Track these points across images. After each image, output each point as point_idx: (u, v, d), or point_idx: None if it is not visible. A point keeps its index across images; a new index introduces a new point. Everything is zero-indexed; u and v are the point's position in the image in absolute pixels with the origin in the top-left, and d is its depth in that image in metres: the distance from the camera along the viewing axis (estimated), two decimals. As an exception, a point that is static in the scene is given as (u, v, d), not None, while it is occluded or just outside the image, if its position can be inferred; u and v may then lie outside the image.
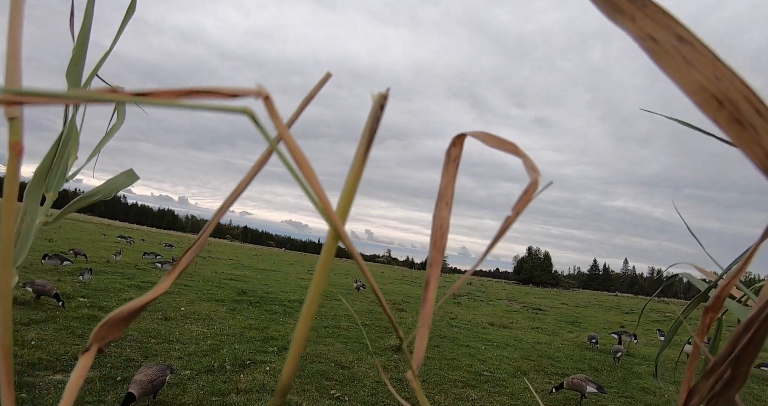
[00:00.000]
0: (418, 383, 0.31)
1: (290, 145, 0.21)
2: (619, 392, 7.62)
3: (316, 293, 0.23)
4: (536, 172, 0.30)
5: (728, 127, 0.21)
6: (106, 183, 0.59)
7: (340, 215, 0.22)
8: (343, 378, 6.38)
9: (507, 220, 0.30)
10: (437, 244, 0.34)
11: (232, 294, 13.02)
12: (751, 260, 0.29)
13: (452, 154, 0.34)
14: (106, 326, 0.27)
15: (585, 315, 22.96)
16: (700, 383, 0.28)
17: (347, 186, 0.23)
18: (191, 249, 0.29)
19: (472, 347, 9.96)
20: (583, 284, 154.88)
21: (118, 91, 0.22)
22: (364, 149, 0.23)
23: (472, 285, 48.68)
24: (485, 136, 0.32)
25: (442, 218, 0.34)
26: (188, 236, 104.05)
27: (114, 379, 5.20)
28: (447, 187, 0.34)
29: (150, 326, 7.69)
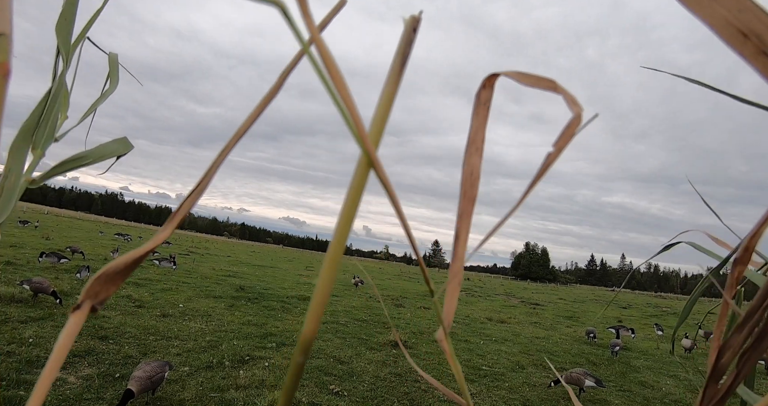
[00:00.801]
0: (449, 342, 0.29)
1: (321, 48, 0.20)
2: (617, 385, 7.65)
3: (346, 224, 0.20)
4: (578, 107, 0.28)
5: (754, 60, 0.20)
6: (98, 147, 0.57)
7: (373, 139, 0.21)
8: (341, 373, 6.38)
9: (549, 156, 0.28)
10: (467, 194, 0.32)
11: (231, 291, 13.00)
12: None
13: (482, 97, 0.33)
14: (100, 280, 0.25)
15: (582, 310, 23.04)
16: (731, 338, 0.27)
17: (380, 109, 0.21)
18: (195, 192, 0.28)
19: (470, 342, 9.98)
20: (580, 279, 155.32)
21: None
22: (397, 72, 0.22)
23: (470, 280, 48.76)
24: (520, 75, 0.30)
25: (472, 164, 0.32)
26: (185, 233, 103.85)
27: (112, 376, 5.19)
28: (477, 131, 0.32)
29: (148, 323, 7.68)
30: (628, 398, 7.01)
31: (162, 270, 15.76)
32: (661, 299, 51.57)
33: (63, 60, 0.55)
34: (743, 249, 0.31)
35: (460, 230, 0.31)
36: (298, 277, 21.63)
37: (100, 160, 0.56)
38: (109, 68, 0.72)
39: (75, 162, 0.52)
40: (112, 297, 9.43)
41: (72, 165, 0.52)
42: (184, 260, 21.68)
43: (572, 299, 33.53)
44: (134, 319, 7.86)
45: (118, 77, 0.73)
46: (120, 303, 8.99)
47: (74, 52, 0.58)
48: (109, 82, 0.71)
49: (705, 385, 0.29)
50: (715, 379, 0.29)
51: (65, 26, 0.54)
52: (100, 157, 0.56)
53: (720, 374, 0.29)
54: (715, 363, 0.28)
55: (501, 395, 6.35)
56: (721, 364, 0.28)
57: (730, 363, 0.28)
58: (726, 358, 0.28)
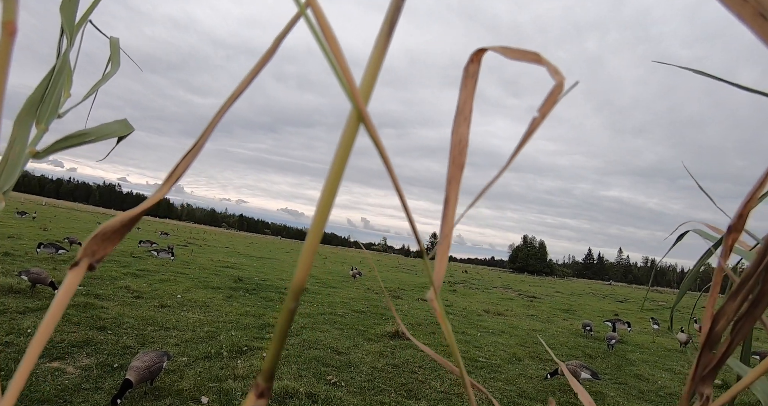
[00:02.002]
0: (440, 303, 0.30)
1: (317, 12, 0.21)
2: (613, 378, 7.71)
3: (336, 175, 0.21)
4: (560, 75, 0.29)
5: (752, 21, 0.21)
6: (99, 127, 0.57)
7: (363, 95, 0.21)
8: (339, 364, 6.42)
9: (533, 121, 0.29)
10: (456, 160, 0.34)
11: (229, 282, 13.03)
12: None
13: (470, 70, 0.34)
14: (97, 238, 0.25)
15: (579, 303, 23.16)
16: (726, 305, 0.28)
17: (370, 66, 0.21)
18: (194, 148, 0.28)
19: (467, 334, 10.04)
20: (577, 272, 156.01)
21: None
22: (385, 36, 0.22)
23: (468, 273, 48.93)
24: (505, 49, 0.31)
25: (461, 133, 0.34)
26: (184, 225, 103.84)
27: (111, 366, 5.21)
28: (465, 102, 0.34)
29: (146, 314, 7.69)
30: (624, 390, 7.07)
31: (160, 261, 15.77)
32: (658, 293, 51.85)
33: (67, 38, 0.55)
34: (737, 216, 0.32)
35: (450, 195, 0.33)
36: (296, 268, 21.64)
37: (102, 139, 0.56)
38: (111, 52, 0.72)
39: (78, 138, 0.52)
40: (110, 288, 9.44)
41: (75, 141, 0.52)
42: (182, 251, 21.70)
43: (569, 292, 33.70)
44: (132, 309, 7.88)
45: (119, 60, 0.73)
46: (118, 294, 9.00)
47: (77, 33, 0.58)
48: (111, 65, 0.72)
49: (699, 353, 0.30)
50: (709, 347, 0.29)
51: (70, 6, 0.55)
52: (103, 135, 0.56)
53: (714, 342, 0.29)
54: (709, 331, 0.29)
55: (498, 386, 6.39)
56: (715, 332, 0.28)
57: (724, 331, 0.28)
58: (720, 325, 0.28)
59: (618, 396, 6.65)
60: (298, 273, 0.20)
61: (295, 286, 0.20)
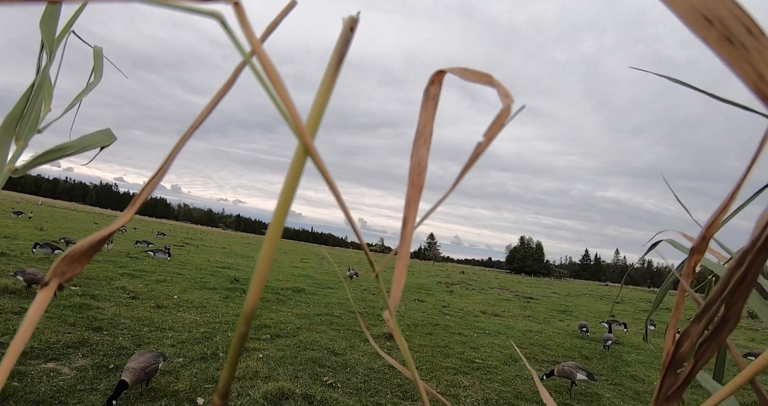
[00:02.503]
0: (396, 323, 0.31)
1: (261, 56, 0.21)
2: (609, 379, 7.73)
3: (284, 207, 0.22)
4: (509, 98, 0.30)
5: (718, 47, 0.20)
6: (81, 138, 0.58)
7: (310, 130, 0.22)
8: (335, 365, 6.42)
9: (479, 145, 0.30)
10: (415, 182, 0.34)
11: (225, 282, 13.01)
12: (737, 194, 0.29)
13: (431, 93, 0.35)
14: (66, 260, 0.27)
15: (576, 304, 23.20)
16: (690, 327, 0.28)
17: (317, 102, 0.22)
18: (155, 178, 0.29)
19: (464, 335, 10.04)
20: (574, 273, 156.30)
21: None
22: (333, 70, 0.23)
23: (465, 274, 48.93)
24: (462, 71, 0.32)
25: (420, 156, 0.34)
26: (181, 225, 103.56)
27: (106, 367, 5.20)
28: (426, 125, 0.35)
29: (142, 314, 7.68)
30: (620, 391, 7.09)
31: (157, 262, 15.73)
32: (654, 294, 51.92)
33: (47, 54, 0.56)
34: (700, 238, 0.32)
35: (408, 217, 0.34)
36: (293, 269, 21.64)
37: (84, 151, 0.57)
38: (94, 62, 0.73)
39: (58, 152, 0.52)
40: (106, 288, 9.41)
41: (55, 155, 0.52)
42: (179, 252, 21.65)
43: (566, 293, 33.75)
44: (128, 310, 7.86)
45: (102, 71, 0.73)
46: (114, 294, 8.98)
47: (59, 44, 0.58)
48: (94, 75, 0.72)
49: (662, 374, 0.30)
50: (674, 368, 0.29)
51: (50, 22, 0.55)
52: (84, 147, 0.57)
53: (678, 364, 0.29)
54: (673, 352, 0.29)
55: (494, 387, 6.40)
56: (679, 353, 0.29)
57: (688, 353, 0.29)
58: (684, 347, 0.28)
59: (614, 397, 6.67)
60: (249, 298, 0.21)
61: (246, 310, 0.21)
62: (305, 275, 18.75)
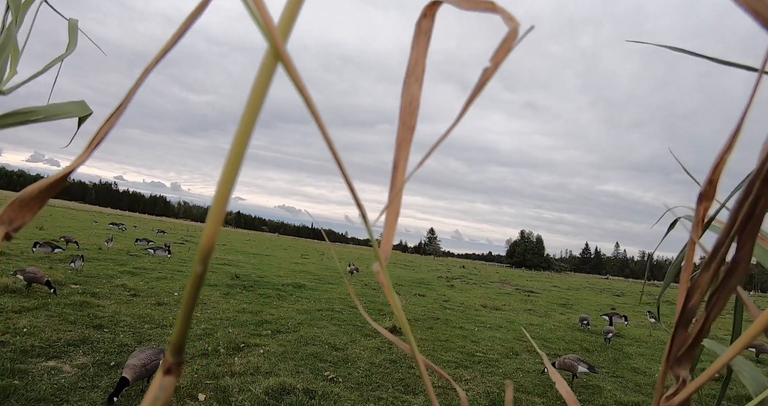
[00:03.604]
0: (386, 276, 0.29)
1: None
2: (610, 371, 7.74)
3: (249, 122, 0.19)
4: (514, 22, 0.28)
5: None
6: (51, 105, 0.54)
7: (282, 32, 0.20)
8: (337, 360, 6.42)
9: (485, 71, 0.28)
10: (406, 122, 0.32)
11: (226, 279, 13.01)
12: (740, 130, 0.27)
13: (423, 26, 0.33)
14: (14, 205, 0.24)
15: (577, 298, 23.23)
16: (699, 277, 0.26)
17: (289, 4, 0.20)
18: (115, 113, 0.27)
19: (465, 329, 10.05)
20: (574, 267, 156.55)
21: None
22: None
23: (465, 268, 48.99)
24: (459, 0, 0.30)
25: (411, 94, 0.33)
26: (181, 222, 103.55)
27: (107, 364, 5.20)
28: (417, 61, 0.32)
29: (143, 312, 7.67)
30: (621, 384, 7.10)
31: (157, 259, 15.73)
32: (655, 287, 52.07)
33: (13, 14, 0.53)
34: (707, 182, 0.30)
35: (399, 158, 0.32)
36: (294, 265, 21.65)
37: (53, 118, 0.54)
38: (69, 33, 0.70)
39: (24, 115, 0.49)
40: (107, 286, 9.41)
41: (19, 118, 0.49)
42: (179, 249, 21.65)
43: (566, 286, 33.80)
44: (129, 308, 7.86)
45: (76, 42, 0.71)
46: (115, 292, 8.98)
47: (26, 10, 0.56)
48: (68, 45, 0.69)
49: (673, 331, 0.28)
50: (684, 324, 0.27)
51: None
52: (53, 114, 0.53)
53: (689, 318, 0.27)
54: (683, 306, 0.27)
55: (495, 381, 6.41)
56: (689, 307, 0.27)
57: (698, 305, 0.27)
58: (694, 300, 0.26)
59: (615, 389, 6.68)
60: (206, 234, 0.18)
61: (203, 246, 0.18)
62: (306, 271, 18.75)
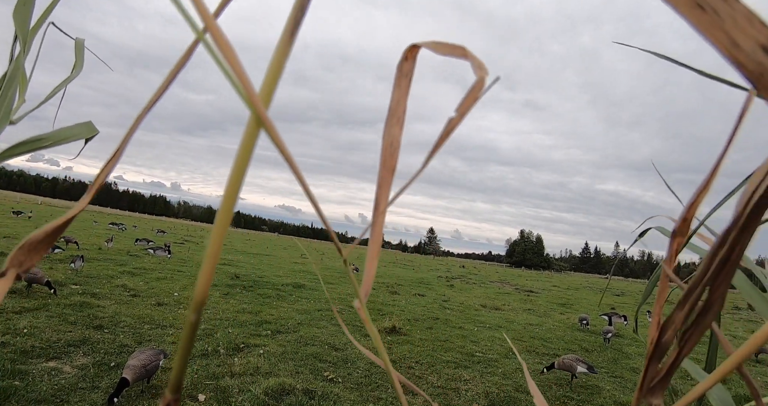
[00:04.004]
0: (366, 312, 0.30)
1: (212, 29, 0.20)
2: (609, 371, 7.75)
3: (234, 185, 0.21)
4: (483, 71, 0.29)
5: (689, 13, 0.19)
6: (58, 130, 0.56)
7: (264, 99, 0.21)
8: (336, 360, 6.43)
9: (450, 121, 0.29)
10: (387, 163, 0.33)
11: (225, 279, 13.02)
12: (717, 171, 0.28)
13: (404, 69, 0.34)
14: (23, 249, 0.25)
15: (576, 297, 23.24)
16: (673, 314, 0.27)
17: (270, 70, 0.21)
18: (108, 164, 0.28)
19: (464, 329, 10.07)
20: (574, 266, 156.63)
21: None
22: (287, 38, 0.21)
23: (465, 268, 49.00)
24: (436, 45, 0.31)
25: (393, 135, 0.33)
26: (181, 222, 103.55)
27: (107, 365, 5.21)
28: (399, 103, 0.33)
29: (143, 312, 7.69)
30: (620, 384, 7.11)
31: (157, 259, 15.74)
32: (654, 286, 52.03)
33: (21, 44, 0.55)
34: (681, 219, 0.32)
35: (380, 199, 0.33)
36: (293, 265, 21.66)
37: (61, 143, 0.55)
38: (75, 54, 0.72)
39: (32, 144, 0.51)
40: (107, 286, 9.42)
41: (29, 147, 0.51)
42: (179, 249, 21.66)
43: (566, 286, 33.81)
44: (129, 308, 7.87)
45: (83, 62, 0.72)
46: (115, 292, 8.99)
47: (34, 35, 0.57)
48: (75, 66, 0.71)
49: (646, 363, 0.29)
50: (658, 357, 0.29)
51: (23, 11, 0.54)
52: (62, 139, 0.55)
53: (662, 353, 0.29)
54: (657, 341, 0.28)
55: (494, 381, 6.42)
56: (663, 341, 0.28)
57: (671, 341, 0.28)
58: (668, 335, 0.27)
59: (614, 389, 6.69)
60: (199, 286, 0.20)
61: (197, 297, 0.19)
62: (305, 271, 18.76)
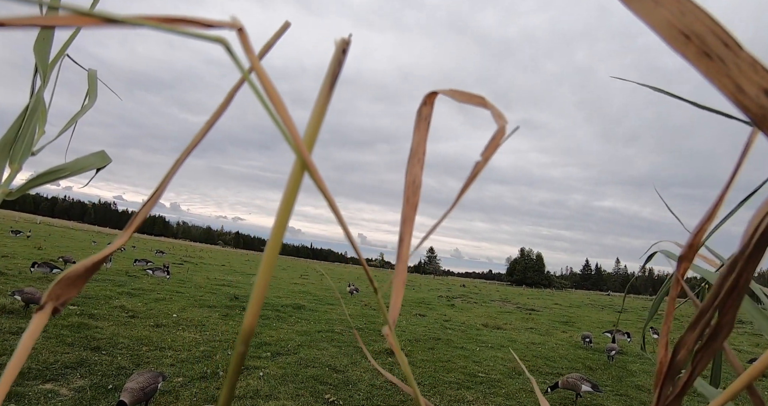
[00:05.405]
0: (395, 338, 0.31)
1: (261, 76, 0.22)
2: (614, 390, 7.64)
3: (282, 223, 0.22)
4: (503, 120, 0.32)
5: (697, 61, 0.21)
6: (75, 161, 0.58)
7: (307, 145, 0.23)
8: (337, 382, 6.34)
9: (476, 165, 0.32)
10: (410, 200, 0.35)
11: (225, 300, 12.92)
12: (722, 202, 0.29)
13: (423, 113, 0.36)
14: (61, 284, 0.27)
15: (578, 315, 23.06)
16: (686, 335, 0.28)
17: (313, 119, 0.23)
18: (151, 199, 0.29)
19: (466, 349, 9.96)
20: (575, 284, 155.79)
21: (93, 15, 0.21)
22: (327, 91, 0.24)
23: (466, 287, 48.71)
24: (454, 92, 0.34)
25: (415, 174, 0.36)
26: (179, 242, 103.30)
27: (105, 387, 5.13)
28: (419, 144, 0.36)
29: (141, 333, 7.60)
30: (625, 402, 7.00)
31: (155, 280, 15.65)
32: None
33: (41, 77, 0.56)
34: (687, 246, 0.33)
35: (404, 234, 0.35)
36: (293, 285, 21.53)
37: (78, 173, 0.57)
38: (88, 85, 0.73)
39: (52, 175, 0.53)
40: (105, 307, 9.34)
41: (49, 178, 0.53)
42: (178, 270, 21.55)
43: (568, 303, 33.56)
44: (127, 329, 7.79)
45: (96, 94, 0.74)
46: (113, 313, 8.90)
47: (53, 68, 0.59)
48: (88, 97, 0.72)
49: (660, 384, 0.30)
50: (671, 376, 0.29)
51: (43, 45, 0.56)
52: (78, 169, 0.57)
53: (676, 372, 0.29)
54: (670, 361, 0.29)
55: (498, 402, 6.33)
56: (676, 361, 0.29)
57: (685, 360, 0.29)
58: (681, 355, 0.28)
59: (619, 409, 6.59)
60: (248, 318, 0.21)
61: (245, 329, 0.21)
62: (305, 292, 18.64)
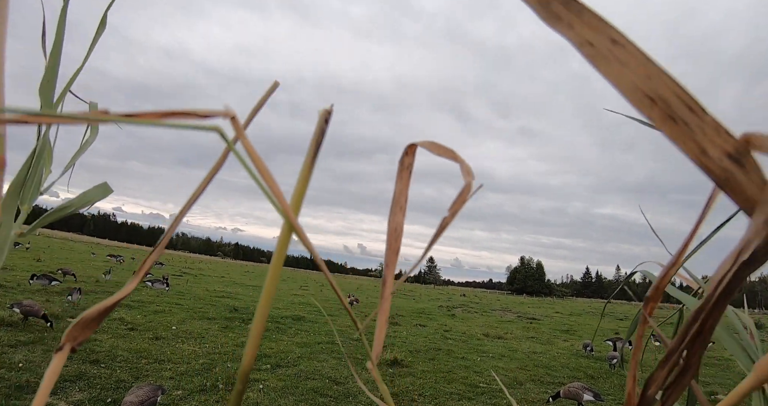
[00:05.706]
0: (378, 373, 0.33)
1: (253, 156, 0.25)
2: (616, 398, 7.59)
3: (273, 279, 0.25)
4: (470, 176, 0.34)
5: (662, 124, 0.21)
6: (80, 196, 0.61)
7: (293, 209, 0.25)
8: (338, 394, 6.31)
9: (443, 220, 0.33)
10: (392, 246, 0.37)
11: (224, 312, 12.87)
12: (686, 249, 0.31)
13: (405, 163, 0.38)
14: (78, 326, 0.29)
15: (579, 323, 22.96)
16: (656, 373, 0.30)
17: (298, 186, 0.26)
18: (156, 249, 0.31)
19: (467, 359, 9.91)
20: (576, 292, 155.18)
21: (104, 113, 0.24)
22: (311, 159, 0.27)
23: (466, 296, 48.53)
24: (430, 144, 0.36)
25: (397, 222, 0.37)
26: (179, 254, 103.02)
27: (104, 401, 5.10)
28: (401, 193, 0.38)
29: (141, 346, 7.57)
30: (627, 412, 6.96)
31: (155, 292, 15.59)
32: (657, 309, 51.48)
33: None
34: (654, 288, 0.35)
35: (387, 276, 0.37)
36: (293, 297, 21.45)
37: (84, 207, 0.60)
38: None
39: (60, 212, 0.56)
40: (104, 320, 9.29)
41: (57, 215, 0.56)
42: (177, 281, 21.48)
43: (569, 312, 33.44)
44: (126, 342, 7.76)
45: (98, 127, 0.76)
46: (112, 326, 8.87)
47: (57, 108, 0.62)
48: (90, 131, 0.75)
49: None
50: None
51: (48, 88, 0.59)
52: (84, 203, 0.60)
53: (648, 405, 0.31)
54: (641, 395, 0.31)
55: (499, 412, 6.29)
56: (647, 395, 0.30)
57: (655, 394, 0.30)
58: (652, 390, 0.30)
59: (621, 419, 6.55)
60: (246, 356, 0.23)
61: (243, 369, 0.23)
62: (305, 303, 18.57)
